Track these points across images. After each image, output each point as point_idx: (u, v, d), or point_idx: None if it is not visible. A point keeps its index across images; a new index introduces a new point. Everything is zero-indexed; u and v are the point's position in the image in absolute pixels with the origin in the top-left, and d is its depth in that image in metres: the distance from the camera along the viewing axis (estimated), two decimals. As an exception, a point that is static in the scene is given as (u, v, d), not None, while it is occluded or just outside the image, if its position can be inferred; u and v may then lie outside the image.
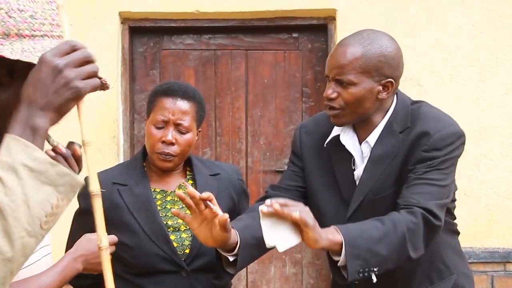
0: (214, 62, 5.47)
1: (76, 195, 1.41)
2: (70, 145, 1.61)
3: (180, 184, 2.62)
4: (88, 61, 1.39)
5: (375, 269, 2.21)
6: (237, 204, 2.68)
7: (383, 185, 2.40)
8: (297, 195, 2.56)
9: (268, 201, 2.14)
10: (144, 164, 2.64)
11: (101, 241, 1.45)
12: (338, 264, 2.22)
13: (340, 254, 2.19)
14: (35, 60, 1.41)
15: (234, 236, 2.25)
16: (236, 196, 2.68)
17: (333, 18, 5.27)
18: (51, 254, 2.07)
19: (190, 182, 2.63)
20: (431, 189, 2.33)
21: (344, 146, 2.46)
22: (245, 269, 5.42)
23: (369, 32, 2.41)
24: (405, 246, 2.26)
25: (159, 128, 2.54)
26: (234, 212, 2.67)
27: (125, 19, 5.31)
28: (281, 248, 2.19)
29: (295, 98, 5.46)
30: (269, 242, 2.16)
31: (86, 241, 2.24)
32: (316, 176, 2.54)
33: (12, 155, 1.33)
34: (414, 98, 2.59)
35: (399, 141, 2.40)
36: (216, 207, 2.19)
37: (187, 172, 2.66)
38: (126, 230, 2.47)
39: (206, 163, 2.72)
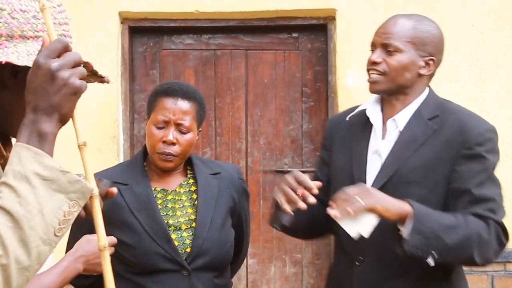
0: (214, 62, 5.46)
1: None
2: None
3: (181, 183, 2.62)
4: (79, 62, 1.40)
5: (434, 253, 2.27)
6: (238, 203, 2.68)
7: (410, 171, 2.42)
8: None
9: (332, 209, 2.24)
10: (145, 163, 2.64)
11: (101, 242, 1.46)
12: (403, 235, 2.27)
13: (404, 226, 2.27)
14: None
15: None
16: (237, 196, 2.68)
17: (333, 18, 5.27)
18: (52, 254, 2.07)
19: (191, 181, 2.63)
20: (496, 204, 2.40)
21: (368, 122, 2.51)
22: (245, 269, 5.43)
23: (421, 15, 2.57)
24: (471, 247, 2.31)
25: (160, 128, 2.54)
26: (234, 211, 2.67)
27: (125, 19, 5.31)
28: (367, 234, 2.28)
29: (295, 98, 5.46)
30: (354, 235, 2.28)
31: (86, 242, 2.25)
32: (337, 157, 2.58)
33: (24, 164, 1.34)
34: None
35: (428, 128, 2.45)
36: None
37: (188, 171, 2.66)
38: (127, 229, 2.47)
39: (207, 163, 2.72)
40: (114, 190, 1.63)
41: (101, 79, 1.61)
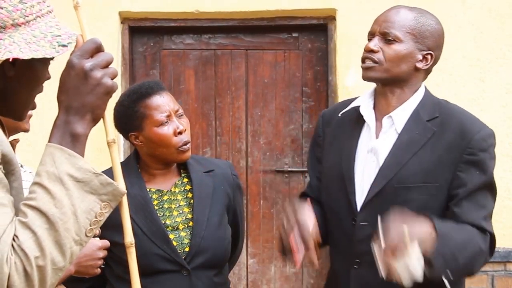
0: (214, 62, 5.47)
1: None
2: None
3: (175, 182, 2.62)
4: (111, 62, 1.42)
5: (449, 273, 2.23)
6: (233, 199, 2.69)
7: (411, 175, 2.35)
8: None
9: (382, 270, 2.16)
10: (138, 165, 2.63)
11: (127, 239, 1.50)
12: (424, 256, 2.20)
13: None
14: (45, 54, 1.43)
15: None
16: (231, 191, 2.68)
17: (333, 18, 5.27)
18: None
19: (185, 180, 2.63)
20: (489, 214, 2.40)
21: (361, 119, 2.45)
22: (245, 268, 5.43)
23: (423, 9, 2.49)
24: (477, 263, 2.32)
25: (165, 124, 2.52)
26: (230, 207, 2.67)
27: (125, 18, 5.31)
28: (420, 277, 2.17)
29: (295, 98, 5.46)
30: (408, 283, 2.16)
31: None
32: (329, 155, 2.53)
33: (58, 165, 1.37)
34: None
35: (427, 130, 2.39)
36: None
37: (181, 170, 2.65)
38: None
39: (200, 160, 2.72)
40: None
41: None
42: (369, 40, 2.45)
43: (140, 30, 5.40)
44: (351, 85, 5.15)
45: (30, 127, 2.40)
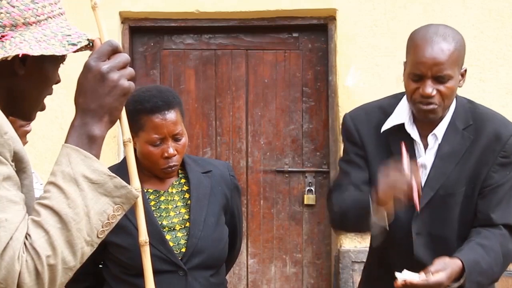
0: (214, 62, 5.47)
1: None
2: None
3: (172, 183, 2.62)
4: (128, 64, 1.44)
5: None
6: (230, 200, 2.69)
7: (455, 183, 2.52)
8: (369, 190, 2.56)
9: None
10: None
11: (141, 237, 1.52)
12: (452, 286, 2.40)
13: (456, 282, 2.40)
14: (55, 52, 1.44)
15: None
16: (229, 192, 2.68)
17: (333, 18, 5.27)
18: None
19: (183, 180, 2.63)
20: None
21: (404, 134, 2.53)
22: (245, 268, 5.43)
23: (443, 27, 2.52)
24: (499, 275, 2.51)
25: (156, 146, 2.52)
26: (227, 208, 2.68)
27: (125, 18, 5.31)
28: None
29: (295, 98, 5.46)
30: None
31: None
32: (377, 163, 2.55)
33: (73, 166, 1.38)
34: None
35: (465, 139, 2.52)
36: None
37: (179, 171, 2.66)
38: (121, 232, 2.45)
39: (197, 161, 2.72)
40: None
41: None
42: (415, 81, 2.46)
43: (141, 30, 5.41)
44: (351, 85, 5.16)
45: (27, 142, 2.40)
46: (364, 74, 5.16)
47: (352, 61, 5.16)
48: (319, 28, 5.39)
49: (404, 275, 2.33)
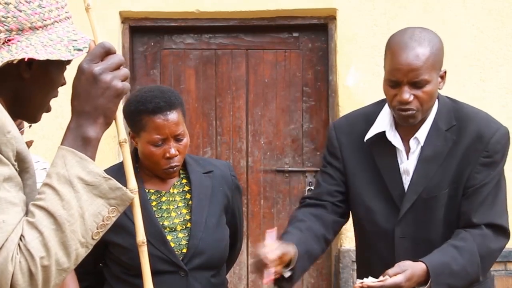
0: (214, 62, 5.47)
1: None
2: None
3: (174, 183, 2.62)
4: (121, 64, 1.44)
5: None
6: (231, 200, 2.69)
7: (438, 185, 2.51)
8: (339, 200, 2.63)
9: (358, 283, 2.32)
10: (137, 165, 2.63)
11: (139, 237, 1.52)
12: None
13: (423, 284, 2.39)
14: (60, 57, 1.45)
15: (291, 251, 2.42)
16: (230, 192, 2.68)
17: (333, 18, 5.27)
18: None
19: (184, 181, 2.64)
20: (500, 206, 2.52)
21: (386, 142, 2.54)
22: (245, 268, 5.43)
23: (419, 30, 2.49)
24: (477, 276, 2.47)
25: (158, 146, 2.52)
26: (228, 208, 2.68)
27: (125, 18, 5.31)
28: None
29: (295, 97, 5.46)
30: None
31: None
32: (359, 174, 2.60)
33: (68, 168, 1.39)
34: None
35: (447, 140, 2.51)
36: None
37: (181, 171, 2.66)
38: (122, 232, 2.45)
39: (199, 161, 2.72)
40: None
41: None
42: (392, 87, 2.46)
43: (141, 29, 5.41)
44: (352, 85, 5.16)
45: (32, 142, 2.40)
46: (364, 74, 5.16)
47: (352, 61, 5.16)
48: (319, 28, 5.39)
49: (363, 280, 2.33)
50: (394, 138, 2.54)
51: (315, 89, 5.45)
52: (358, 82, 5.14)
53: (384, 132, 2.55)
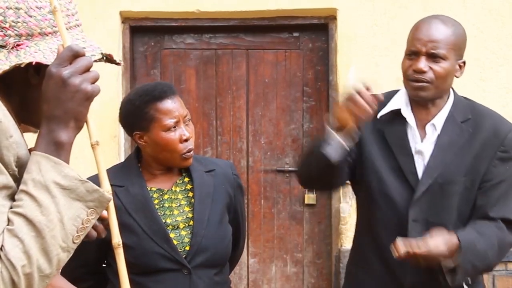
0: (215, 62, 5.47)
1: None
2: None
3: (176, 182, 2.63)
4: (90, 67, 1.42)
5: (469, 279, 2.50)
6: (233, 199, 2.69)
7: (453, 173, 2.56)
8: (347, 165, 2.61)
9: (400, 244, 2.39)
10: (139, 164, 2.64)
11: (114, 239, 1.51)
12: (444, 266, 2.45)
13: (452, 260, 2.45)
14: None
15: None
16: (232, 191, 2.69)
17: (334, 18, 5.28)
18: None
19: (186, 179, 2.64)
20: None
21: (399, 121, 2.59)
22: (246, 268, 5.43)
23: (445, 16, 2.62)
24: (494, 263, 2.57)
25: (173, 131, 2.53)
26: (231, 207, 2.68)
27: (125, 18, 5.32)
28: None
29: (296, 97, 5.46)
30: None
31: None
32: (374, 151, 2.63)
33: (44, 173, 1.37)
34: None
35: (463, 131, 2.57)
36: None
37: (182, 169, 2.66)
38: (125, 230, 2.45)
39: (201, 160, 2.72)
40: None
41: (111, 61, 1.63)
42: (410, 59, 2.53)
43: (141, 29, 5.41)
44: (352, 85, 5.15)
45: None
46: (364, 74, 5.16)
47: (353, 61, 5.16)
48: (319, 28, 5.39)
49: (401, 244, 2.37)
50: (409, 116, 2.59)
51: (316, 89, 5.46)
52: (358, 82, 5.13)
53: (399, 111, 2.59)
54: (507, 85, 5.13)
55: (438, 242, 2.39)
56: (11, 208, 1.37)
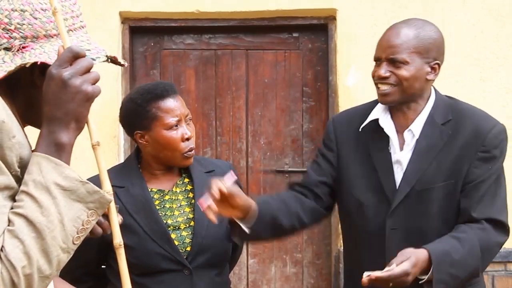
0: (214, 62, 5.47)
1: None
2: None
3: (176, 182, 2.63)
4: (90, 68, 1.42)
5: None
6: None
7: (432, 178, 2.50)
8: (324, 192, 2.64)
9: (366, 274, 2.31)
10: (139, 165, 2.64)
11: (116, 240, 1.51)
12: (421, 282, 2.39)
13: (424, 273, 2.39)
14: None
15: (254, 208, 2.40)
16: None
17: (333, 18, 5.27)
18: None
19: (186, 180, 2.64)
20: (500, 203, 2.53)
21: (381, 131, 2.55)
22: (245, 268, 5.43)
23: (418, 19, 2.57)
24: (478, 268, 2.48)
25: (175, 129, 2.54)
26: None
27: (125, 19, 5.31)
28: None
29: (295, 98, 5.46)
30: None
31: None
32: (353, 166, 2.61)
33: (44, 174, 1.37)
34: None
35: (443, 134, 2.52)
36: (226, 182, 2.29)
37: (182, 170, 2.66)
38: (126, 231, 2.44)
39: (200, 161, 2.73)
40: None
41: (115, 62, 1.63)
42: (376, 65, 2.52)
43: (141, 30, 5.41)
44: (352, 85, 5.16)
45: None
46: (364, 74, 5.15)
47: (352, 61, 5.16)
48: (319, 28, 5.39)
49: (370, 272, 2.33)
50: (387, 126, 2.55)
51: (315, 89, 5.46)
52: (358, 82, 5.14)
53: (378, 121, 2.56)
54: (507, 85, 5.13)
55: (404, 266, 2.31)
56: (11, 208, 1.37)
